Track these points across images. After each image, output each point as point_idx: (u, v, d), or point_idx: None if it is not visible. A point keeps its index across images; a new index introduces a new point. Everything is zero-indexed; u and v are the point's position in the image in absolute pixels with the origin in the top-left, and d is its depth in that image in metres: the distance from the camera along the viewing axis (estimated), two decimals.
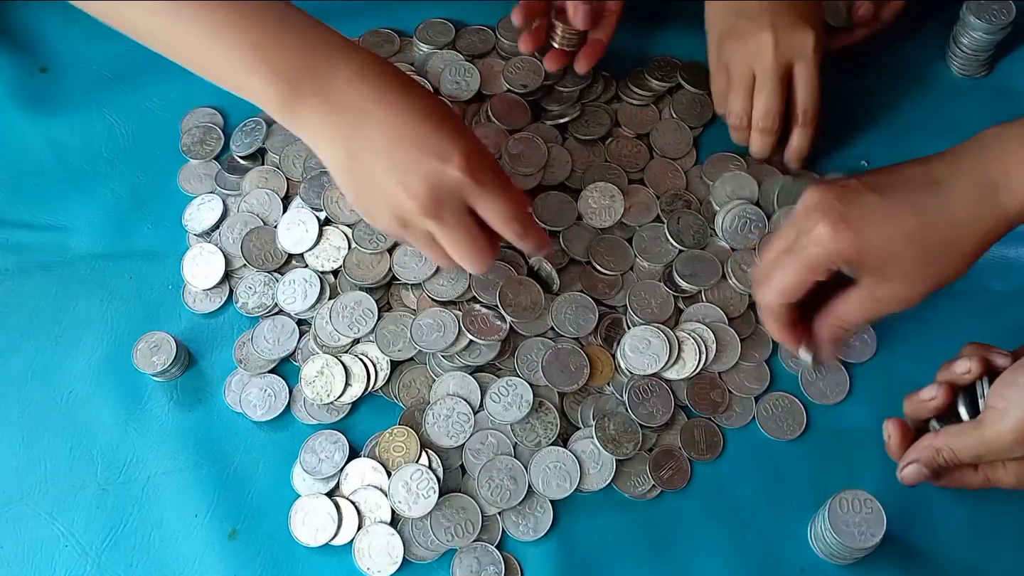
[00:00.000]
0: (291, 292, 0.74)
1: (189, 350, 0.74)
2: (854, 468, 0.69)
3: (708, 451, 0.70)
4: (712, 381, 0.72)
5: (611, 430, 0.69)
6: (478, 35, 0.84)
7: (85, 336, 0.75)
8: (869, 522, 0.62)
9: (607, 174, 0.78)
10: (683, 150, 0.80)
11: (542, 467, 0.68)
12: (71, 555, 0.67)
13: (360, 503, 0.68)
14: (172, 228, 0.78)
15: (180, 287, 0.76)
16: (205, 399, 0.73)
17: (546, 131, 0.80)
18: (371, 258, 0.75)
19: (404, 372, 0.73)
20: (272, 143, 0.80)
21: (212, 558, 0.67)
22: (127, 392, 0.72)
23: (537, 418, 0.70)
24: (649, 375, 0.71)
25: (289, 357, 0.73)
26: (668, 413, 0.70)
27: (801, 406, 0.71)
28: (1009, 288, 0.75)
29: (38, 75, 0.85)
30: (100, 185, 0.80)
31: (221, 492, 0.69)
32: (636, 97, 0.82)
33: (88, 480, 0.70)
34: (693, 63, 0.83)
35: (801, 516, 0.67)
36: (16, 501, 0.69)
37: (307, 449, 0.70)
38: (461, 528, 0.67)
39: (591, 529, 0.68)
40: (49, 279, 0.77)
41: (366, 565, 0.66)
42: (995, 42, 0.81)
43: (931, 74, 0.84)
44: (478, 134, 0.79)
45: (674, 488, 0.69)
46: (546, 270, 0.74)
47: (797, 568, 0.67)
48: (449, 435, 0.70)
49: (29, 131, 0.83)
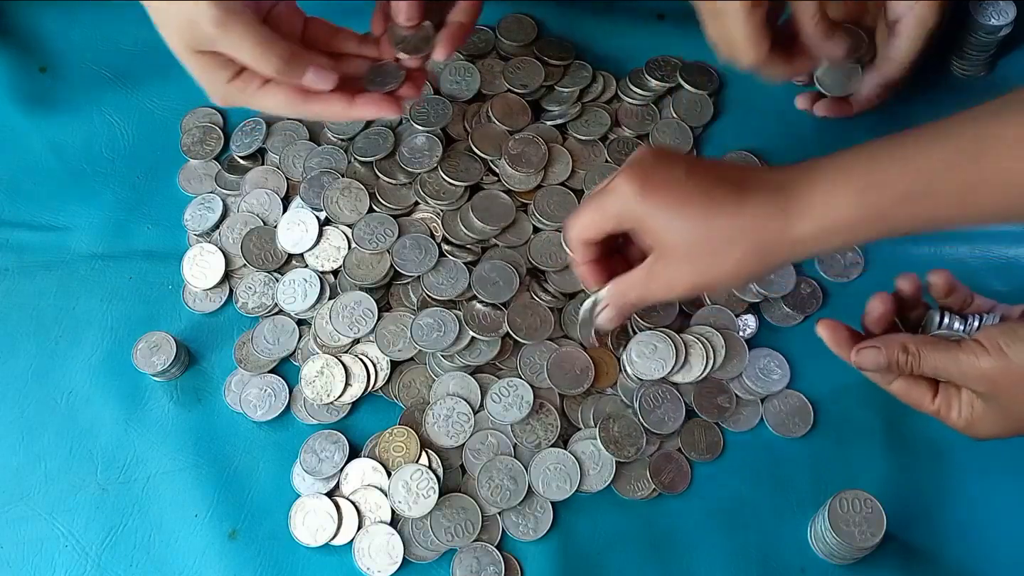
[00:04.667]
0: (291, 292, 0.75)
1: (189, 350, 0.74)
2: (854, 468, 0.69)
3: (708, 451, 0.70)
4: (719, 386, 0.72)
5: (615, 432, 0.69)
6: (478, 35, 0.84)
7: (85, 336, 0.75)
8: (869, 522, 0.62)
9: (610, 174, 0.78)
10: (684, 150, 0.80)
11: (542, 468, 0.68)
12: (71, 555, 0.68)
13: (360, 503, 0.68)
14: (172, 228, 0.78)
15: (180, 287, 0.76)
16: (205, 399, 0.73)
17: (546, 131, 0.80)
18: (371, 258, 0.75)
19: (404, 372, 0.73)
20: (272, 143, 0.80)
21: (212, 558, 0.67)
22: (127, 392, 0.72)
23: (537, 419, 0.70)
24: (657, 380, 0.71)
25: (289, 357, 0.73)
26: (679, 421, 0.70)
27: (808, 404, 0.71)
28: (1009, 288, 0.74)
29: (38, 75, 0.85)
30: (100, 185, 0.80)
31: (221, 492, 0.69)
32: (636, 97, 0.82)
33: (88, 480, 0.70)
34: (693, 63, 0.83)
35: (801, 516, 0.67)
36: (16, 501, 0.69)
37: (307, 449, 0.70)
38: (461, 528, 0.67)
39: (591, 529, 0.68)
40: (49, 279, 0.77)
41: (366, 565, 0.66)
42: (995, 42, 0.81)
43: (931, 74, 0.84)
44: (478, 134, 0.79)
45: (674, 492, 0.69)
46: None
47: (797, 568, 0.67)
48: (449, 435, 0.70)
49: (29, 131, 0.82)
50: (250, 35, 0.58)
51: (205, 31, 0.58)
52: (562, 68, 0.82)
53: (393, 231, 0.75)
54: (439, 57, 0.67)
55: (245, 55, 0.59)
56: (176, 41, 0.60)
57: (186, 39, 0.59)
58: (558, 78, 0.82)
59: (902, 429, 0.70)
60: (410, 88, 0.67)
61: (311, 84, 0.62)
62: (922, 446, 0.69)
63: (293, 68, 0.60)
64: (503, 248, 0.76)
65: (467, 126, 0.80)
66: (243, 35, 0.58)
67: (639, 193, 0.58)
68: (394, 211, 0.77)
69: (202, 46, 0.59)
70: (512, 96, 0.81)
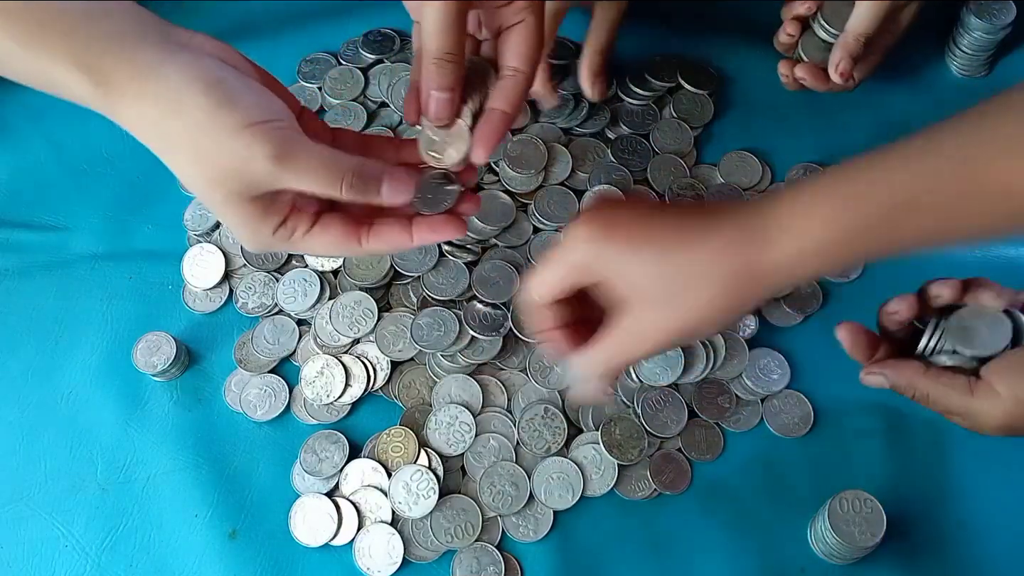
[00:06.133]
0: (291, 292, 0.74)
1: (189, 350, 0.74)
2: (854, 468, 0.69)
3: (708, 451, 0.70)
4: (720, 386, 0.72)
5: (616, 435, 0.69)
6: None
7: (85, 336, 0.74)
8: (869, 522, 0.63)
9: (613, 175, 0.78)
10: (685, 150, 0.80)
11: (544, 477, 0.68)
12: (71, 555, 0.67)
13: (360, 503, 0.68)
14: (172, 228, 0.78)
15: (180, 287, 0.76)
16: (205, 399, 0.73)
17: (546, 131, 0.80)
18: (371, 258, 0.75)
19: (404, 372, 0.73)
20: None
21: (212, 558, 0.67)
22: (127, 392, 0.72)
23: (545, 424, 0.70)
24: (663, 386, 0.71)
25: (289, 357, 0.73)
26: (682, 423, 0.70)
27: (808, 403, 0.71)
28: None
29: None
30: (100, 185, 0.80)
31: (221, 492, 0.69)
32: (636, 97, 0.82)
33: (88, 480, 0.70)
34: (693, 63, 0.83)
35: (801, 516, 0.67)
36: (16, 501, 0.69)
37: (307, 449, 0.70)
38: (461, 529, 0.67)
39: (591, 529, 0.68)
40: (49, 279, 0.77)
41: (366, 565, 0.66)
42: (995, 42, 0.81)
43: (931, 74, 0.84)
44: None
45: (675, 491, 0.69)
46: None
47: (797, 568, 0.67)
48: (449, 443, 0.70)
49: (29, 131, 0.82)
50: (313, 158, 0.49)
51: (261, 171, 0.48)
52: (562, 68, 0.82)
53: None
54: (478, 161, 0.55)
55: (312, 183, 0.49)
56: (219, 194, 0.49)
57: (235, 188, 0.49)
58: (558, 78, 0.82)
59: (902, 429, 0.70)
60: (470, 204, 0.56)
61: (387, 200, 0.51)
62: (922, 446, 0.69)
63: (367, 183, 0.50)
64: (503, 248, 0.76)
65: None
66: (307, 160, 0.49)
67: (599, 237, 0.52)
68: None
69: (258, 190, 0.49)
70: None
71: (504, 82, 0.54)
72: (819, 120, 0.82)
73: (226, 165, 0.48)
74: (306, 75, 0.84)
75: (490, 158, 0.76)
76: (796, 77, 0.76)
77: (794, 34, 0.77)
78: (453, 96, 0.53)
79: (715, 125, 0.82)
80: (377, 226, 0.53)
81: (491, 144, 0.54)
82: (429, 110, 0.53)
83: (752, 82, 0.83)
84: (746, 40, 0.84)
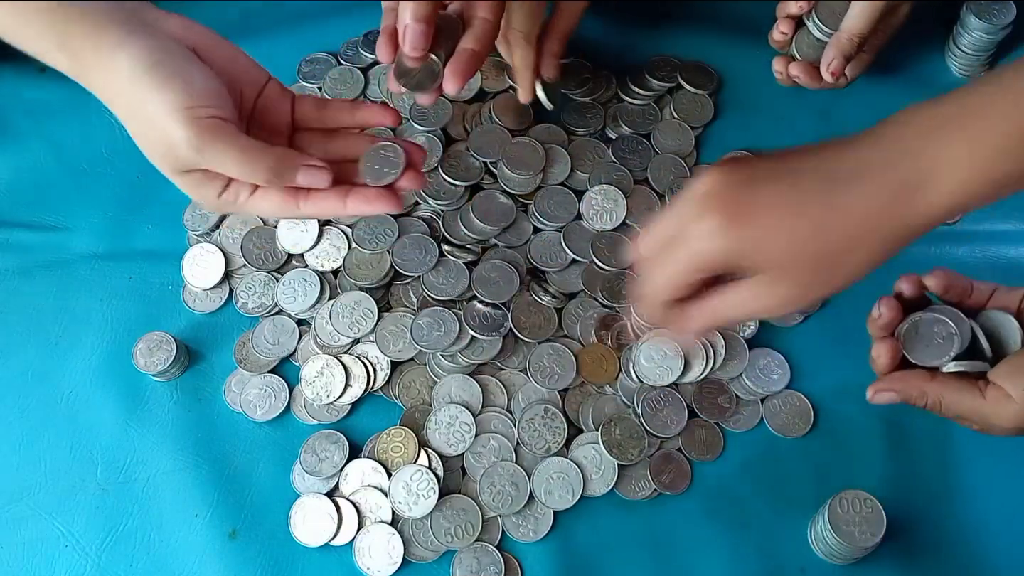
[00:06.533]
0: (291, 292, 0.74)
1: (189, 350, 0.74)
2: (854, 468, 0.69)
3: (708, 451, 0.70)
4: (720, 386, 0.72)
5: (616, 435, 0.69)
6: None
7: (85, 336, 0.74)
8: (869, 522, 0.63)
9: (613, 175, 0.78)
10: (685, 150, 0.80)
11: (544, 477, 0.68)
12: (71, 555, 0.67)
13: (360, 503, 0.68)
14: (172, 228, 0.78)
15: (180, 287, 0.76)
16: (205, 399, 0.73)
17: (547, 132, 0.80)
18: (371, 258, 0.75)
19: (404, 372, 0.73)
20: None
21: (212, 558, 0.67)
22: (127, 392, 0.72)
23: (545, 424, 0.70)
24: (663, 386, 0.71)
25: (289, 357, 0.73)
26: (682, 423, 0.70)
27: (808, 403, 0.71)
28: None
29: (38, 75, 0.84)
30: (100, 185, 0.80)
31: (221, 492, 0.69)
32: (636, 97, 0.82)
33: (88, 480, 0.70)
34: (693, 63, 0.83)
35: (801, 516, 0.68)
36: (16, 501, 0.69)
37: (307, 449, 0.70)
38: (461, 529, 0.67)
39: (591, 529, 0.68)
40: (49, 279, 0.77)
41: (366, 565, 0.66)
42: (995, 42, 0.81)
43: (931, 74, 0.84)
44: (478, 134, 0.79)
45: (675, 491, 0.69)
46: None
47: (797, 568, 0.67)
48: (449, 444, 0.70)
49: (29, 131, 0.82)
50: (231, 150, 0.55)
51: (183, 154, 0.55)
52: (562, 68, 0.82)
53: (393, 231, 0.75)
54: (449, 91, 0.62)
55: (230, 170, 0.56)
56: (159, 163, 0.57)
57: (169, 161, 0.56)
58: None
59: (902, 429, 0.70)
60: (410, 179, 0.60)
61: (305, 186, 0.58)
62: (922, 446, 0.70)
63: (282, 173, 0.57)
64: (503, 248, 0.76)
65: (467, 126, 0.80)
66: (224, 151, 0.55)
67: (726, 225, 0.50)
68: None
69: (185, 167, 0.56)
70: (513, 96, 0.81)
71: (473, 27, 0.62)
72: (819, 120, 0.82)
73: (158, 143, 0.55)
74: (306, 75, 0.84)
75: (489, 158, 0.77)
76: (790, 74, 0.77)
77: (787, 32, 0.77)
78: (428, 30, 0.59)
79: (715, 125, 0.82)
80: (314, 192, 0.58)
81: (462, 77, 0.61)
82: (405, 42, 0.59)
83: (752, 82, 0.83)
84: (746, 40, 0.84)
